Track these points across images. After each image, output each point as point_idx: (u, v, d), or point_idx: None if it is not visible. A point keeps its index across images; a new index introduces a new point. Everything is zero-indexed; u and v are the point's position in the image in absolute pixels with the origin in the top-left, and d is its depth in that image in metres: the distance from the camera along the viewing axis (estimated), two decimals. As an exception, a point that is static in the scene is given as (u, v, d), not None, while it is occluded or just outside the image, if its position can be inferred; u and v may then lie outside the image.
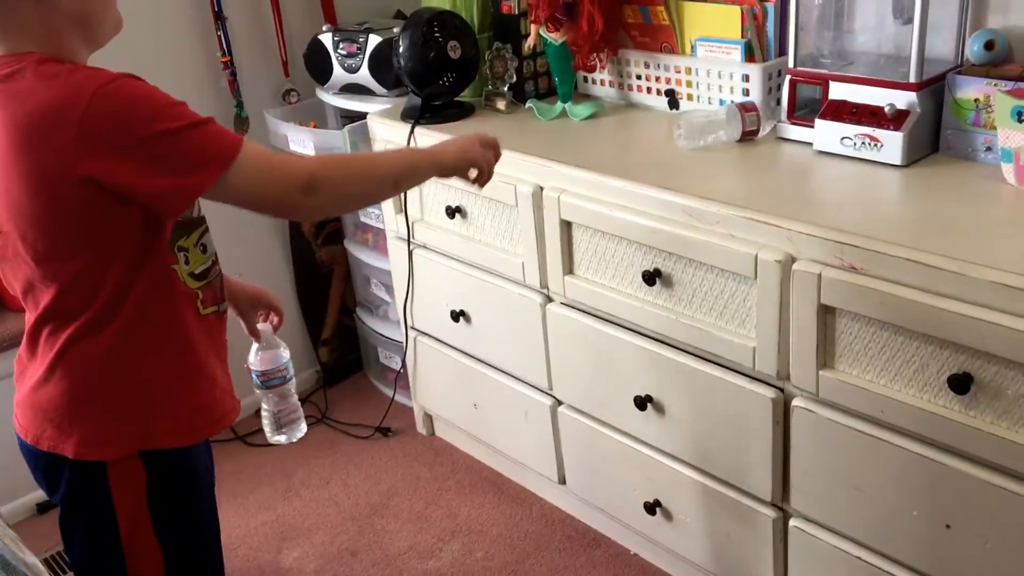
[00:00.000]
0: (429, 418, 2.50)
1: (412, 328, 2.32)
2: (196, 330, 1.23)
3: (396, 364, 2.53)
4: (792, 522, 1.60)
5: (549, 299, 1.90)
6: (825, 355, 1.44)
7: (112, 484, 1.21)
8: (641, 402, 1.75)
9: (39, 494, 2.35)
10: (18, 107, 1.06)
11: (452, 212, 2.03)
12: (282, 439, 1.52)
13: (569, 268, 1.82)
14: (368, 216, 2.44)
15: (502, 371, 2.10)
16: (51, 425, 1.20)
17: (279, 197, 1.13)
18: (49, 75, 1.06)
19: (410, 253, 2.19)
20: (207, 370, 1.26)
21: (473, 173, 1.36)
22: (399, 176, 1.28)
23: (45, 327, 1.18)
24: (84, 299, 1.15)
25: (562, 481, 2.07)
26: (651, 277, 1.64)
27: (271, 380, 1.48)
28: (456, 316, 2.12)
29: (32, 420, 1.22)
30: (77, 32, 1.12)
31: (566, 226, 1.78)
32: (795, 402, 1.51)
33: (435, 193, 2.07)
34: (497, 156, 1.39)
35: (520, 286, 1.94)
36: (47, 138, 1.04)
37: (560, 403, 1.98)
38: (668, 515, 1.82)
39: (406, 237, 2.19)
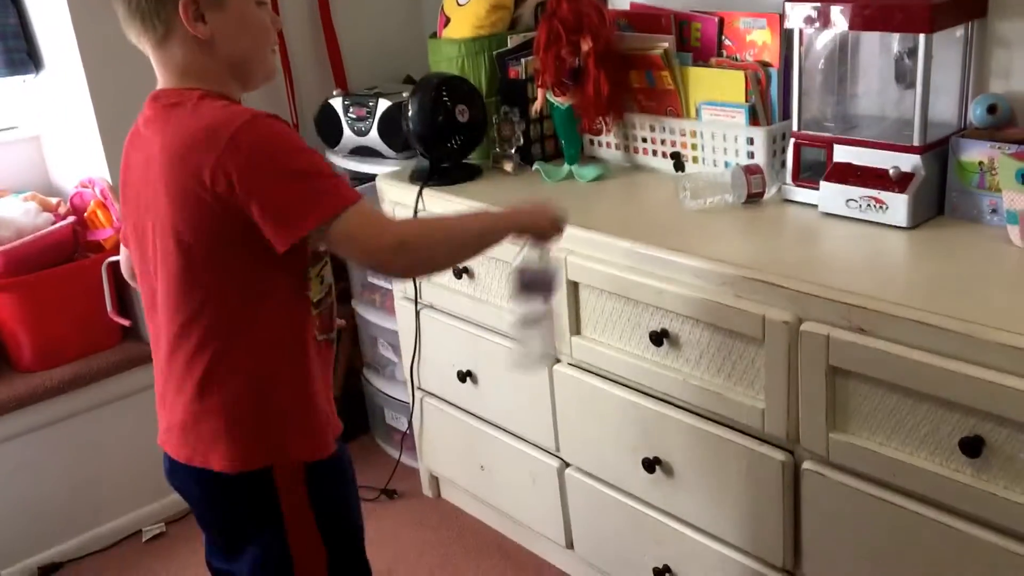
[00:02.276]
0: (435, 480, 2.48)
1: (419, 389, 2.31)
2: (313, 354, 1.33)
3: (402, 425, 2.51)
4: (804, 588, 1.57)
5: (556, 360, 1.90)
6: (835, 417, 1.43)
7: (279, 486, 1.29)
8: (649, 464, 1.73)
9: (41, 557, 2.33)
10: (177, 130, 1.19)
11: (459, 273, 2.03)
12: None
13: (576, 329, 1.81)
14: (376, 276, 2.45)
15: (509, 432, 2.08)
16: (201, 442, 1.28)
17: (372, 254, 1.21)
18: (207, 106, 1.20)
19: (417, 313, 2.20)
20: (320, 393, 1.35)
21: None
22: (479, 242, 1.34)
23: (187, 348, 1.26)
24: (225, 318, 1.24)
25: (570, 546, 2.04)
26: (658, 338, 1.64)
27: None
28: (463, 377, 2.11)
29: (184, 441, 1.30)
30: (232, 75, 1.26)
31: (573, 287, 1.78)
32: (805, 465, 1.49)
33: (443, 254, 2.08)
34: (560, 233, 1.42)
35: (527, 347, 1.94)
36: (197, 153, 1.16)
37: (568, 465, 1.96)
38: (677, 581, 1.79)
39: (413, 297, 2.19)
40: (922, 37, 1.52)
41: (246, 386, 1.27)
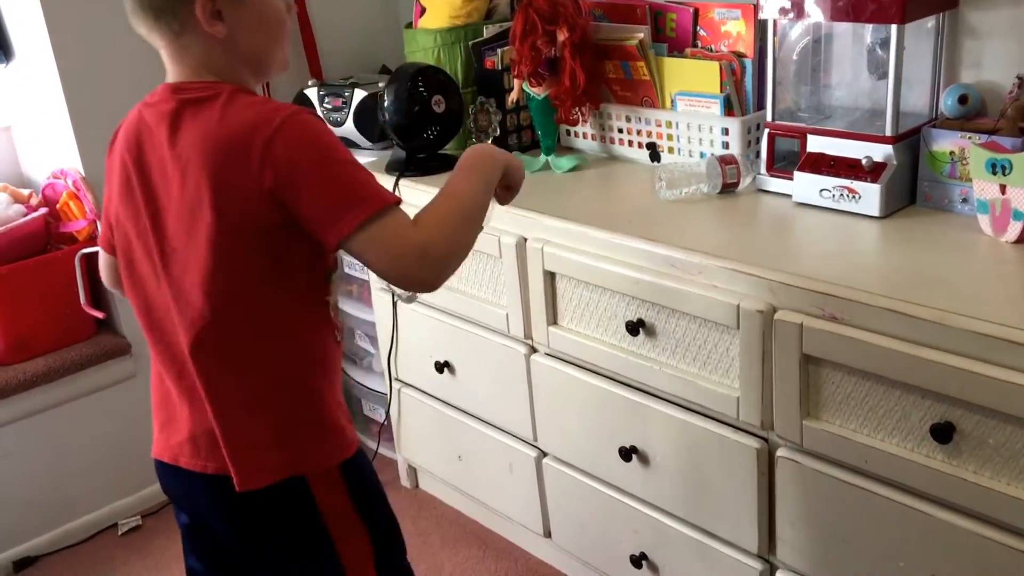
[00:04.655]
0: (413, 471, 2.48)
1: (396, 380, 2.31)
2: (334, 356, 1.31)
3: (380, 416, 2.51)
4: (779, 575, 1.59)
5: (533, 350, 1.90)
6: (808, 405, 1.44)
7: (316, 493, 1.25)
8: (626, 453, 1.74)
9: (16, 551, 2.31)
10: (215, 128, 1.14)
11: (436, 263, 2.03)
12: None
13: (553, 319, 1.82)
14: (352, 267, 2.45)
15: (487, 422, 2.09)
16: (254, 451, 1.23)
17: (396, 260, 1.14)
18: (245, 103, 1.16)
19: (394, 304, 2.19)
20: (339, 394, 1.32)
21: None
22: (484, 204, 1.27)
23: (218, 357, 1.21)
24: (255, 324, 1.20)
25: (547, 534, 2.05)
26: (634, 327, 1.65)
27: None
28: (440, 367, 2.11)
29: (213, 450, 1.24)
30: (249, 68, 1.23)
31: (550, 277, 1.79)
32: (779, 452, 1.51)
33: (419, 245, 2.08)
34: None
35: (504, 337, 1.94)
36: (241, 154, 1.12)
37: (545, 455, 1.97)
38: (655, 568, 1.80)
39: (390, 288, 2.19)
40: (894, 28, 1.54)
41: (283, 392, 1.24)
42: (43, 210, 2.31)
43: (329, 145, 1.15)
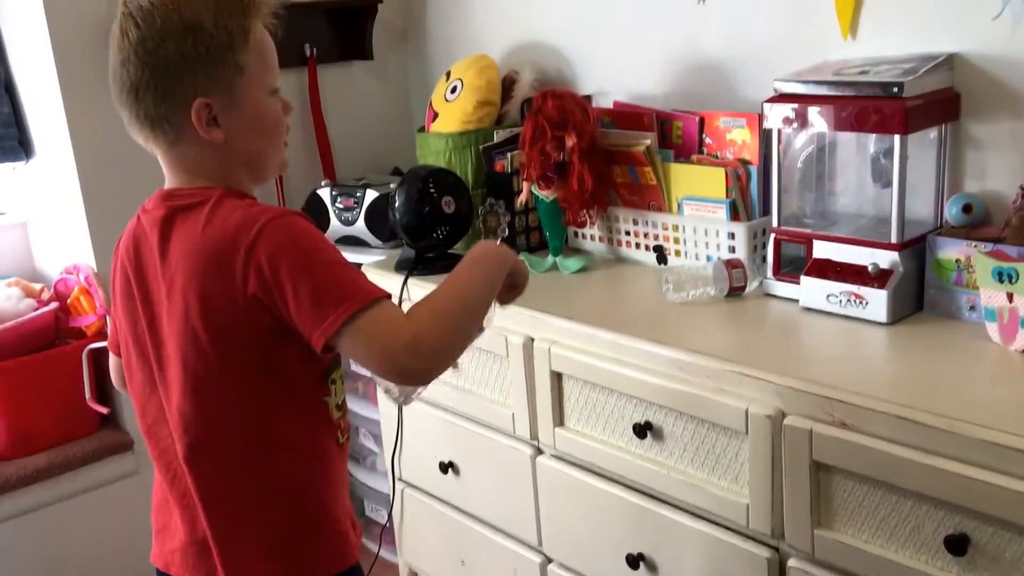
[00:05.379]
0: (414, 575, 2.42)
1: (400, 480, 2.28)
2: (335, 459, 1.27)
3: (382, 517, 2.47)
4: None
5: (539, 451, 1.88)
6: (820, 513, 1.42)
7: None
8: (633, 560, 1.70)
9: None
10: (199, 238, 1.14)
11: (443, 363, 2.03)
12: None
13: (559, 420, 1.80)
14: (357, 365, 2.44)
15: (491, 526, 2.05)
16: (249, 562, 1.21)
17: (388, 354, 1.11)
18: (230, 208, 1.15)
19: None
20: (342, 499, 1.29)
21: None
22: (487, 297, 1.25)
23: (208, 464, 1.20)
24: (249, 430, 1.18)
25: (551, 644, 1.99)
26: (642, 430, 1.63)
27: None
28: (445, 468, 2.09)
29: (200, 562, 1.23)
30: (247, 171, 1.23)
31: (556, 377, 1.78)
32: (790, 562, 1.47)
33: (426, 344, 2.08)
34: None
35: (510, 437, 1.92)
36: (228, 254, 1.11)
37: (550, 560, 1.93)
38: None
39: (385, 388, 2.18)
40: (897, 138, 1.56)
41: (280, 499, 1.21)
42: (53, 305, 2.33)
43: (312, 246, 1.13)
